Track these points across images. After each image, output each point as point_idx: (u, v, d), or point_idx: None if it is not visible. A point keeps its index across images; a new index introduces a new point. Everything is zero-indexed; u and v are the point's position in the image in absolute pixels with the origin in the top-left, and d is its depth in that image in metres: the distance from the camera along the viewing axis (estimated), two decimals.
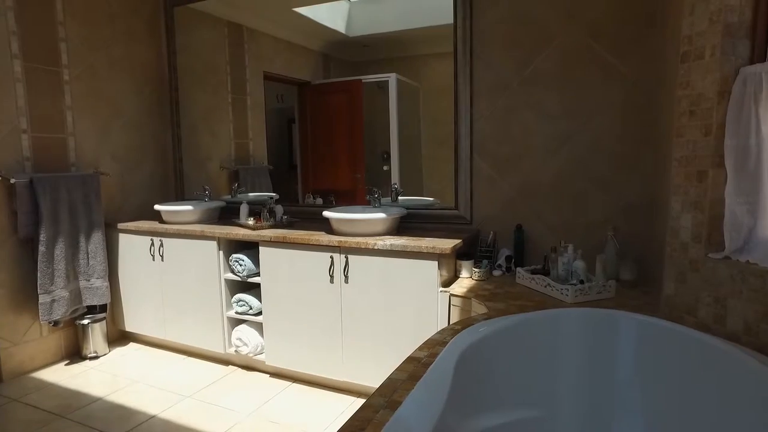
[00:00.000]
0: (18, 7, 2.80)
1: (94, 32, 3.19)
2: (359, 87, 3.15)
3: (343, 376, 2.50)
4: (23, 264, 2.84)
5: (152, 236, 3.02)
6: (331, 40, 3.24)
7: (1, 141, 2.73)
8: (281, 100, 3.61)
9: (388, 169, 3.08)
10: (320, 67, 3.39)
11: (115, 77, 3.34)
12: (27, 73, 2.85)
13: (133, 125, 3.47)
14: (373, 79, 3.11)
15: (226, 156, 3.66)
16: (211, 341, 2.90)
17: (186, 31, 3.61)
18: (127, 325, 3.27)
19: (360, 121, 3.21)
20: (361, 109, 3.19)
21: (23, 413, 2.48)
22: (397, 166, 3.07)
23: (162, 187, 3.68)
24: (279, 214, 2.90)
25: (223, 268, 2.80)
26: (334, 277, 2.44)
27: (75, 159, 3.10)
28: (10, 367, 2.82)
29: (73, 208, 2.94)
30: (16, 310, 2.83)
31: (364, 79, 3.12)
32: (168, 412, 2.45)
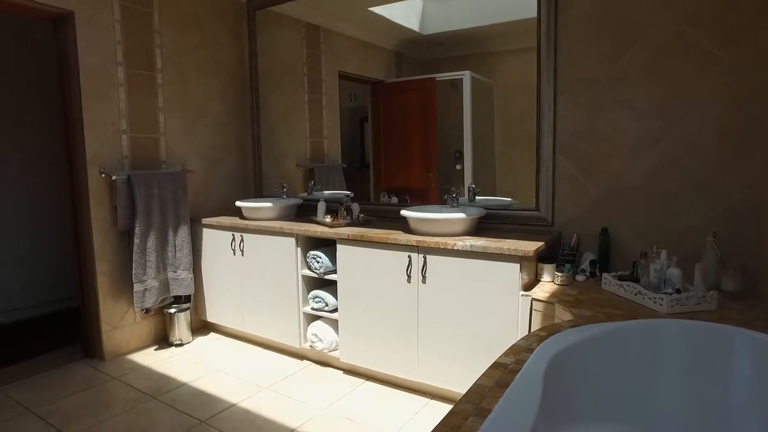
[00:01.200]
0: (123, 19, 3.02)
1: (184, 38, 3.38)
2: (432, 85, 3.12)
3: (417, 377, 2.49)
4: (121, 255, 3.07)
5: (233, 231, 3.15)
6: (404, 38, 3.24)
7: (106, 141, 2.96)
8: (354, 99, 3.66)
9: (461, 169, 3.04)
10: (393, 66, 3.39)
11: (202, 80, 3.51)
12: (128, 78, 3.06)
13: (217, 125, 3.64)
14: (447, 77, 3.07)
15: (301, 154, 3.75)
16: (288, 335, 2.99)
17: (266, 33, 3.73)
18: (209, 316, 3.44)
19: (433, 120, 3.18)
20: (434, 108, 3.16)
21: (122, 391, 2.67)
22: (470, 165, 3.02)
23: (242, 184, 3.83)
24: (355, 212, 2.93)
25: (301, 264, 2.87)
26: (411, 277, 2.43)
27: (165, 157, 3.30)
28: (110, 348, 3.05)
29: (163, 204, 3.13)
30: (115, 297, 3.05)
31: (438, 78, 3.09)
32: (247, 401, 2.54)
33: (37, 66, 3.85)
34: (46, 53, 3.71)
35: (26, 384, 2.77)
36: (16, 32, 3.75)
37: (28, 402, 2.57)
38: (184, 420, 2.38)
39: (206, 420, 2.37)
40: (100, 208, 2.94)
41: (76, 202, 2.98)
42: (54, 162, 3.92)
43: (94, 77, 2.90)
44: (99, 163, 2.92)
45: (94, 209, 2.92)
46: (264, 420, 2.37)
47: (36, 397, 2.61)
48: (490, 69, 2.94)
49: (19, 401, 2.58)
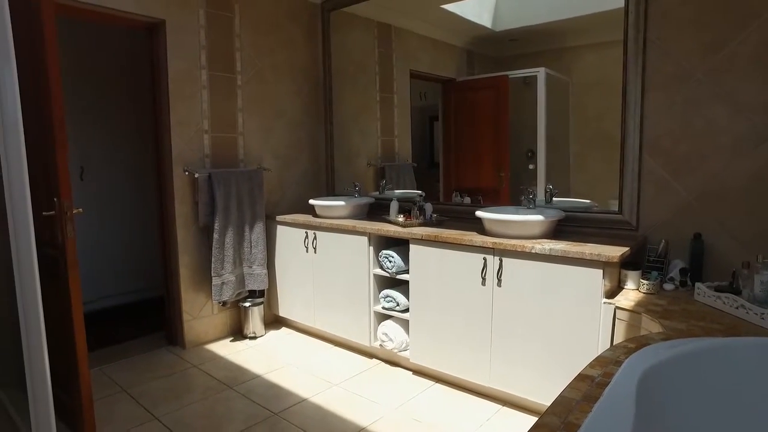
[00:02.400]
0: (208, 24, 3.16)
1: (262, 41, 3.49)
2: (505, 83, 3.03)
3: (489, 382, 2.42)
4: (201, 249, 3.22)
5: (307, 229, 3.22)
6: (476, 35, 3.16)
7: (190, 140, 3.11)
8: (424, 98, 3.62)
9: (534, 168, 2.93)
10: (464, 64, 3.33)
11: (278, 80, 3.61)
12: (210, 80, 3.20)
13: (292, 124, 3.73)
14: (520, 74, 2.97)
15: (372, 153, 3.77)
16: (358, 334, 3.01)
17: (339, 34, 3.78)
18: (281, 311, 3.54)
19: (505, 119, 3.09)
20: (506, 106, 3.07)
21: (202, 379, 2.80)
22: (543, 165, 2.90)
23: (314, 183, 3.91)
24: (428, 212, 2.90)
25: (373, 263, 2.88)
26: (486, 279, 2.36)
27: (243, 156, 3.42)
28: (190, 337, 3.22)
29: (240, 201, 3.25)
30: (195, 289, 3.21)
31: (511, 75, 3.00)
32: (318, 397, 2.58)
33: (126, 72, 4.12)
34: (135, 60, 3.96)
35: (120, 365, 2.97)
36: (112, 40, 4.03)
37: (122, 382, 2.76)
38: (259, 411, 2.45)
39: (279, 413, 2.43)
40: (183, 205, 3.11)
41: (162, 198, 3.16)
42: (141, 161, 4.19)
43: (181, 80, 3.05)
44: (183, 162, 3.08)
45: (178, 205, 3.08)
46: (335, 417, 2.39)
47: (128, 379, 2.80)
48: (565, 65, 2.81)
49: (115, 381, 2.77)
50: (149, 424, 2.34)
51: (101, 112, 4.01)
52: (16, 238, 1.58)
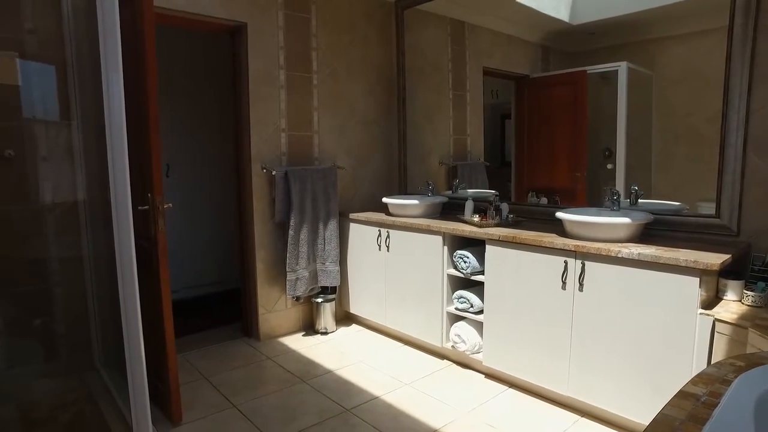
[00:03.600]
0: (286, 26, 3.24)
1: (337, 40, 3.53)
2: (583, 79, 2.88)
3: (567, 391, 2.32)
4: (277, 245, 3.31)
5: (380, 227, 3.22)
6: (552, 30, 3.03)
7: (268, 139, 3.21)
8: (496, 96, 3.53)
9: (612, 168, 2.77)
10: (539, 60, 3.20)
11: (352, 79, 3.65)
12: (288, 80, 3.28)
13: (365, 123, 3.75)
14: (600, 69, 2.81)
15: (445, 152, 3.72)
16: (429, 334, 2.98)
17: (413, 31, 3.76)
18: (352, 308, 3.57)
19: (583, 116, 2.94)
20: (584, 103, 2.93)
21: (276, 371, 2.88)
22: (622, 164, 2.74)
23: (387, 181, 3.92)
24: (505, 212, 2.82)
25: (447, 263, 2.84)
26: (566, 284, 2.26)
27: (318, 154, 3.49)
28: (265, 330, 3.32)
29: (315, 198, 3.31)
30: (270, 283, 3.31)
31: (589, 70, 2.84)
32: (389, 396, 2.58)
33: (209, 74, 4.30)
34: (217, 62, 4.14)
35: (200, 353, 3.12)
36: (195, 44, 4.23)
37: (203, 370, 2.89)
38: (331, 406, 2.48)
39: (351, 409, 2.45)
40: (260, 201, 3.21)
41: (241, 195, 3.28)
42: (221, 159, 4.37)
43: (260, 81, 3.15)
44: (261, 160, 3.18)
45: (256, 202, 3.19)
46: (406, 416, 2.38)
47: (209, 367, 2.93)
48: (649, 58, 2.63)
49: (197, 368, 2.91)
50: (228, 412, 2.43)
51: (185, 113, 4.22)
52: (118, 231, 1.69)
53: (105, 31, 1.69)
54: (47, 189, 2.66)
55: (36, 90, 2.61)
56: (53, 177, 2.66)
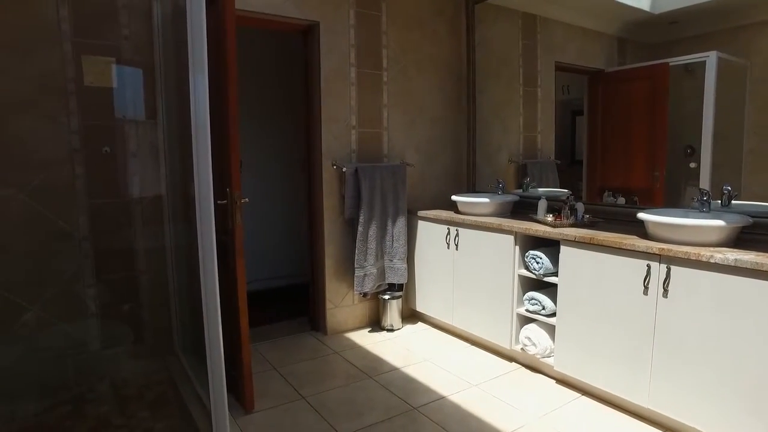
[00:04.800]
0: (357, 24, 3.28)
1: (407, 37, 3.53)
2: (664, 71, 2.70)
3: (647, 403, 2.18)
4: (345, 241, 3.36)
5: (449, 225, 3.19)
6: (630, 20, 2.86)
7: (338, 136, 3.26)
8: (567, 92, 3.38)
9: (695, 167, 2.57)
10: (615, 53, 3.03)
11: (422, 76, 3.63)
12: (358, 77, 3.32)
13: (434, 120, 3.72)
14: (685, 60, 2.61)
15: (514, 149, 3.62)
16: (498, 335, 2.91)
17: (483, 26, 3.69)
18: (418, 305, 3.56)
19: (663, 111, 2.76)
20: (665, 98, 2.74)
21: (343, 366, 2.93)
22: (708, 163, 2.53)
23: (455, 179, 3.87)
24: (580, 212, 2.70)
25: (518, 263, 2.76)
26: (648, 289, 2.13)
27: (387, 151, 3.50)
28: (332, 324, 3.39)
29: (384, 195, 3.32)
30: (338, 279, 3.37)
31: (672, 62, 2.65)
32: (456, 396, 2.54)
33: (281, 72, 4.43)
34: (289, 60, 4.25)
35: (270, 345, 3.23)
36: (269, 43, 4.37)
37: (273, 361, 2.99)
38: (398, 403, 2.48)
39: (418, 407, 2.44)
40: (330, 198, 3.27)
41: (312, 191, 3.35)
42: (292, 155, 4.49)
43: (332, 78, 3.21)
44: (332, 156, 3.24)
45: (326, 198, 3.25)
46: (474, 418, 2.34)
47: (278, 358, 3.03)
48: (742, 46, 2.41)
49: (267, 359, 3.02)
50: (297, 403, 2.50)
51: (256, 110, 4.37)
52: (200, 224, 1.78)
53: (193, 36, 1.77)
54: (135, 183, 2.85)
55: (126, 92, 2.79)
56: (140, 172, 2.85)
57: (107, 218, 2.74)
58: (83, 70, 2.60)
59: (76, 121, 2.59)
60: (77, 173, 2.61)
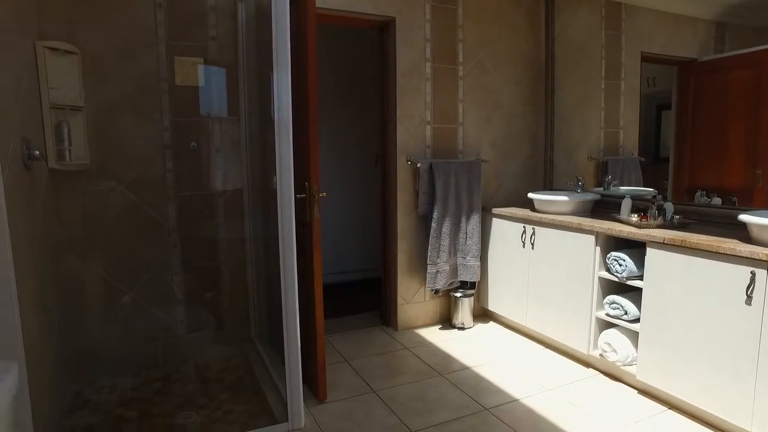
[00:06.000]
0: (433, 18, 3.25)
1: (483, 30, 3.45)
2: None
3: (748, 425, 1.99)
4: (418, 237, 3.35)
5: (525, 224, 3.09)
6: (732, 2, 2.62)
7: (413, 131, 3.26)
8: (652, 84, 3.16)
9: None
10: (711, 40, 2.79)
11: (498, 70, 3.54)
12: (434, 72, 3.29)
13: (510, 115, 3.62)
14: None
15: (594, 146, 3.45)
16: (574, 339, 2.79)
17: (563, 17, 3.54)
18: (490, 304, 3.49)
19: None
20: None
21: (413, 362, 2.93)
22: None
23: (531, 176, 3.75)
24: (669, 212, 2.52)
25: (598, 265, 2.63)
26: (752, 299, 1.95)
27: (462, 147, 3.45)
28: (402, 320, 3.40)
29: (458, 192, 3.28)
30: (410, 275, 3.37)
31: None
32: (530, 400, 2.47)
33: (356, 68, 4.48)
34: (364, 56, 4.29)
35: (342, 337, 3.29)
36: (344, 40, 4.43)
37: (345, 353, 3.05)
38: (469, 403, 2.45)
39: (490, 408, 2.39)
40: (404, 193, 3.27)
41: (386, 186, 3.37)
42: (365, 150, 4.53)
43: (407, 74, 3.20)
44: (406, 152, 3.24)
45: (400, 194, 3.26)
46: (549, 424, 2.26)
47: (350, 351, 3.08)
48: None
49: (339, 351, 3.08)
50: (368, 396, 2.53)
51: (332, 106, 4.45)
52: (281, 217, 1.84)
53: (277, 35, 1.83)
54: (218, 177, 3.00)
55: (212, 90, 2.94)
56: (223, 167, 2.99)
57: (192, 210, 2.90)
58: (175, 71, 2.77)
59: (168, 118, 2.77)
60: (168, 167, 2.79)
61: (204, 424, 2.28)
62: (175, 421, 2.30)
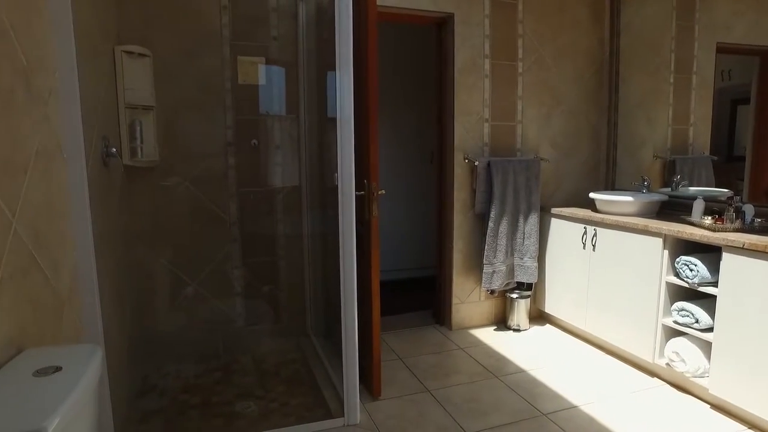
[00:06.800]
0: (492, 14, 3.20)
1: (544, 25, 3.35)
2: None
3: None
4: (474, 236, 3.31)
5: (586, 224, 2.99)
6: None
7: (471, 129, 3.22)
8: (727, 77, 2.96)
9: None
10: None
11: (559, 66, 3.43)
12: (492, 69, 3.23)
13: (571, 112, 3.51)
14: None
15: (661, 144, 3.28)
16: (638, 346, 2.67)
17: (630, 10, 3.38)
18: (547, 307, 3.40)
19: None
20: None
21: (467, 362, 2.89)
22: None
23: (592, 175, 3.62)
24: (749, 215, 2.36)
25: (666, 269, 2.50)
26: None
27: (520, 145, 3.37)
28: (457, 320, 3.37)
29: (516, 191, 3.21)
30: (465, 274, 3.33)
31: None
32: (589, 407, 2.38)
33: (411, 65, 4.46)
34: (419, 54, 4.27)
35: (395, 335, 3.29)
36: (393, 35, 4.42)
37: (398, 351, 3.05)
38: (526, 407, 2.39)
39: (548, 414, 2.33)
40: (461, 191, 3.23)
41: (442, 184, 3.34)
42: (420, 148, 4.51)
43: (465, 71, 3.16)
44: (463, 150, 3.20)
45: (457, 192, 3.22)
46: None
47: (403, 349, 3.08)
48: None
49: (393, 349, 3.08)
50: (422, 395, 2.52)
51: (388, 103, 4.45)
52: (342, 214, 1.86)
53: (340, 34, 1.85)
54: (277, 174, 3.06)
55: (272, 89, 3.01)
56: (282, 164, 3.06)
57: (252, 206, 2.99)
58: (238, 70, 2.85)
59: (231, 116, 2.86)
60: (230, 164, 2.88)
61: (262, 414, 2.34)
62: (235, 409, 2.37)
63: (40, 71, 1.37)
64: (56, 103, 1.49)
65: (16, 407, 0.90)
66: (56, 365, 1.07)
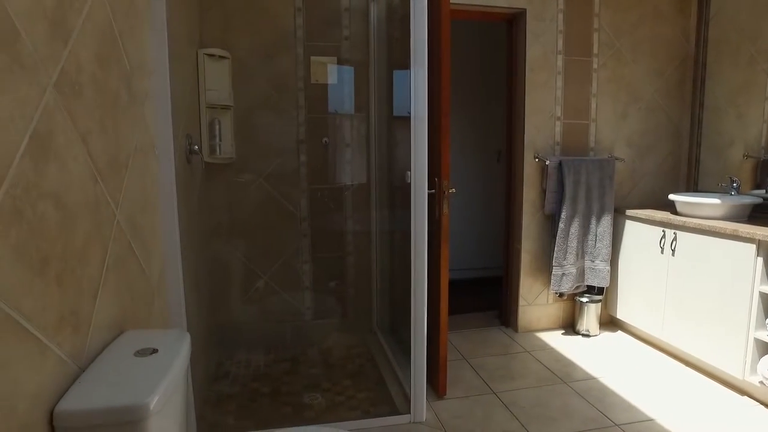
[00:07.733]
0: (566, 8, 3.09)
1: (622, 18, 3.20)
2: None
3: None
4: (543, 237, 3.22)
5: (665, 227, 2.83)
6: None
7: (542, 127, 3.13)
8: None
9: None
10: None
11: (637, 61, 3.27)
12: (565, 65, 3.13)
13: (649, 109, 3.33)
14: None
15: (753, 142, 3.03)
16: (724, 360, 2.50)
17: None
18: (618, 313, 3.25)
19: None
20: None
21: (534, 366, 2.83)
22: None
23: (671, 176, 3.42)
24: None
25: (760, 278, 2.32)
26: None
27: (593, 144, 3.24)
28: (523, 322, 3.29)
29: (589, 191, 3.09)
30: (533, 276, 3.25)
31: None
32: (668, 422, 2.25)
33: (478, 62, 4.40)
34: (487, 50, 4.20)
35: (460, 335, 3.26)
36: (464, 34, 4.37)
37: (464, 351, 3.02)
38: (597, 416, 2.30)
39: (621, 425, 2.23)
40: (530, 191, 3.16)
41: (511, 183, 3.28)
42: (488, 146, 4.44)
43: (537, 68, 3.08)
44: (534, 149, 3.12)
45: (526, 191, 3.15)
46: None
47: (469, 349, 3.05)
48: None
49: (458, 348, 3.07)
50: (488, 397, 2.48)
51: (457, 101, 4.39)
52: (414, 212, 1.87)
53: (415, 33, 1.85)
54: (346, 171, 3.12)
55: (342, 88, 3.07)
56: (351, 161, 3.11)
57: (322, 202, 3.06)
58: (311, 70, 2.93)
59: (303, 115, 2.94)
60: (301, 161, 2.97)
61: (329, 407, 2.39)
62: (302, 400, 2.44)
63: (139, 74, 1.48)
64: (151, 104, 1.59)
65: (122, 383, 0.99)
66: (152, 347, 1.15)
